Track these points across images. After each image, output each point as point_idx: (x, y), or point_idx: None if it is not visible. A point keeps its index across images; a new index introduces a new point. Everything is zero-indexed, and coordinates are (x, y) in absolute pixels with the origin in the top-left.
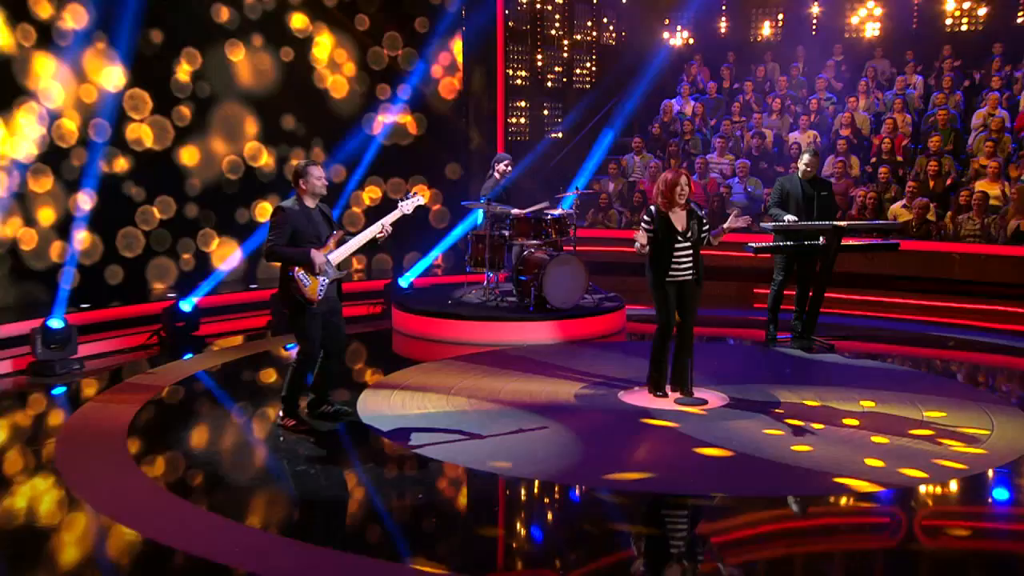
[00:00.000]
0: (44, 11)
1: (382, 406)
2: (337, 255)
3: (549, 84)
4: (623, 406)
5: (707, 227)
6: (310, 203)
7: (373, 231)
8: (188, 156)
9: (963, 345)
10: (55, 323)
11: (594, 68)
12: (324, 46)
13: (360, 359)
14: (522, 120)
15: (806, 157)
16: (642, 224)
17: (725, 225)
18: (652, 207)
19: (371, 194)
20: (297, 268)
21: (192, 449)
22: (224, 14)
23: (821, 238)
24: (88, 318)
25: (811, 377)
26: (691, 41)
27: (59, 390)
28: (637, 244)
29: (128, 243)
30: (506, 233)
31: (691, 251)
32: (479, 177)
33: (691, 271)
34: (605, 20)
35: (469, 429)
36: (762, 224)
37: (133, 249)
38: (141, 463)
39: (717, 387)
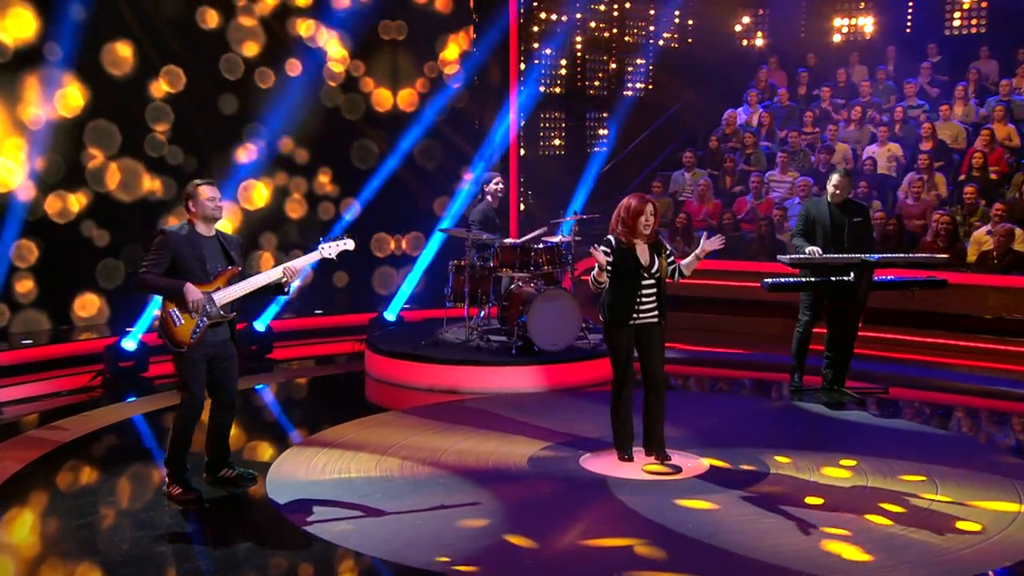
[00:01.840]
0: None
1: (298, 469)
2: (224, 294)
3: (592, 92)
4: (580, 473)
5: (672, 259)
6: (203, 229)
7: (273, 274)
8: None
9: None
10: None
11: (650, 74)
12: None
13: (320, 408)
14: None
15: (835, 178)
16: (600, 249)
17: (697, 251)
18: (611, 237)
19: None
20: (169, 303)
21: (42, 525)
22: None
23: (851, 273)
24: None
25: (821, 441)
26: (761, 42)
27: None
28: (593, 275)
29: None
30: (490, 264)
31: (656, 289)
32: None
33: (655, 313)
34: (668, 20)
35: (377, 503)
36: (778, 257)
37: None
38: None
39: (703, 450)
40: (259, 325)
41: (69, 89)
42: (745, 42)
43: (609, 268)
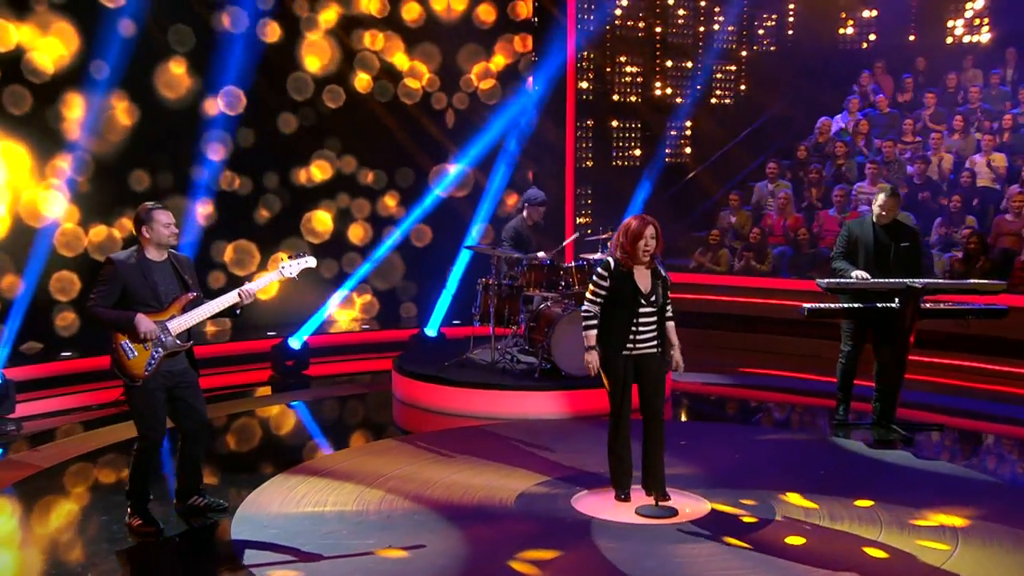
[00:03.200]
0: None
1: (274, 500)
2: (179, 322)
3: (666, 99)
4: (566, 514)
5: (670, 312)
6: (155, 255)
7: (230, 299)
8: None
9: None
10: None
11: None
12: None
13: (337, 430)
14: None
15: (881, 197)
16: (593, 279)
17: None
18: (610, 259)
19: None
20: (121, 336)
21: None
22: None
23: (897, 299)
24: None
25: (844, 484)
26: (866, 43)
27: None
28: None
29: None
30: (519, 283)
31: (655, 318)
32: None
33: (654, 343)
34: (758, 23)
35: (340, 540)
36: (817, 281)
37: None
38: None
39: (709, 490)
40: (294, 342)
41: (116, 110)
42: (851, 45)
43: (604, 297)
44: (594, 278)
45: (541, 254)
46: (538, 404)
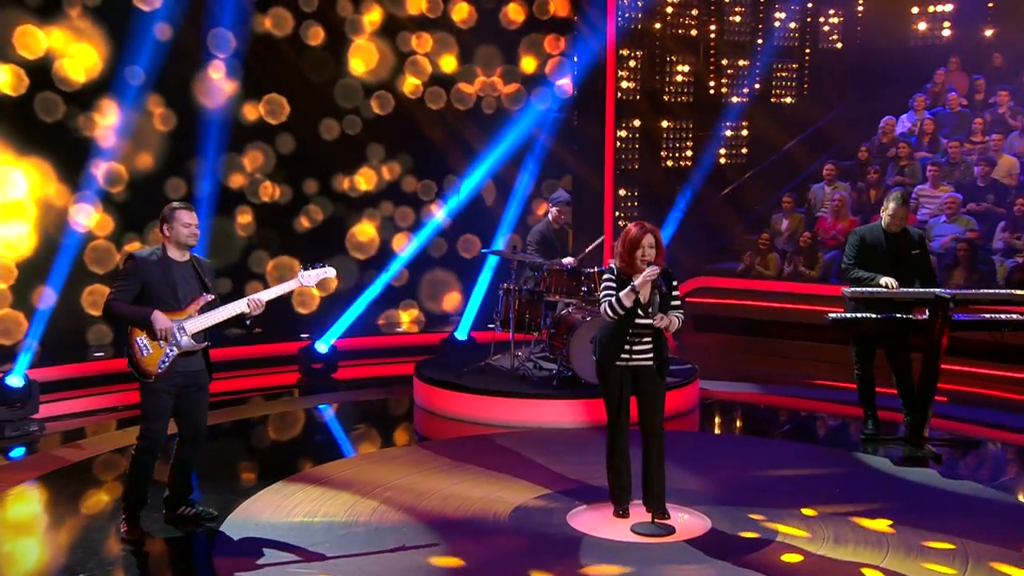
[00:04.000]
0: None
1: (267, 508)
2: (196, 323)
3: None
4: (558, 530)
5: (679, 299)
6: (176, 254)
7: (238, 307)
8: None
9: None
10: (15, 381)
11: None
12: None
13: (351, 436)
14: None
15: (892, 206)
16: (604, 284)
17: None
18: (613, 265)
19: None
20: (138, 331)
21: None
22: None
23: (914, 310)
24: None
25: (858, 503)
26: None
27: None
28: (619, 296)
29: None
30: (539, 288)
31: (653, 329)
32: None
33: (651, 355)
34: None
35: (320, 553)
36: (843, 291)
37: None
38: None
39: (714, 507)
40: (321, 346)
41: (150, 116)
42: (923, 42)
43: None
44: (605, 278)
45: (567, 259)
46: (555, 412)
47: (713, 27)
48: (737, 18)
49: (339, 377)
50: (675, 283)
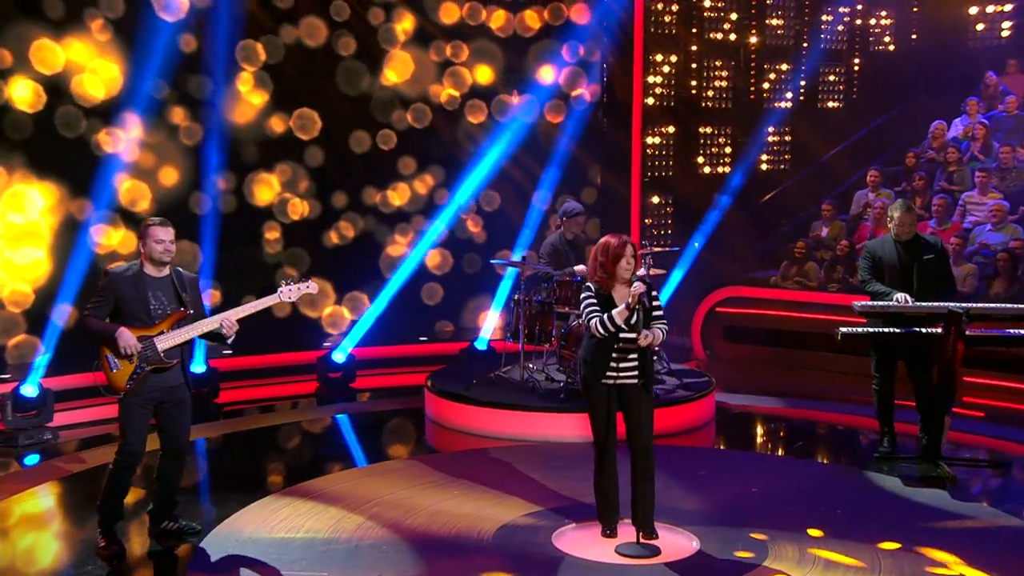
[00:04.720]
0: None
1: (252, 522)
2: (168, 338)
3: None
4: (541, 550)
5: (660, 310)
6: (152, 270)
7: (210, 324)
8: None
9: None
10: (29, 390)
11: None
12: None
13: (356, 448)
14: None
15: (896, 214)
16: (586, 303)
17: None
18: (591, 284)
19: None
20: (106, 348)
21: None
22: None
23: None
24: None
25: (859, 525)
26: (1002, 38)
27: None
28: (611, 315)
29: None
30: (548, 299)
31: (639, 346)
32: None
33: (636, 372)
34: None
35: (296, 571)
36: (853, 305)
37: None
38: None
39: (706, 528)
40: (339, 355)
41: (173, 128)
42: (981, 43)
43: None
44: (583, 296)
45: (579, 267)
46: (561, 426)
47: (753, 31)
48: (778, 21)
49: (357, 386)
50: (655, 293)
